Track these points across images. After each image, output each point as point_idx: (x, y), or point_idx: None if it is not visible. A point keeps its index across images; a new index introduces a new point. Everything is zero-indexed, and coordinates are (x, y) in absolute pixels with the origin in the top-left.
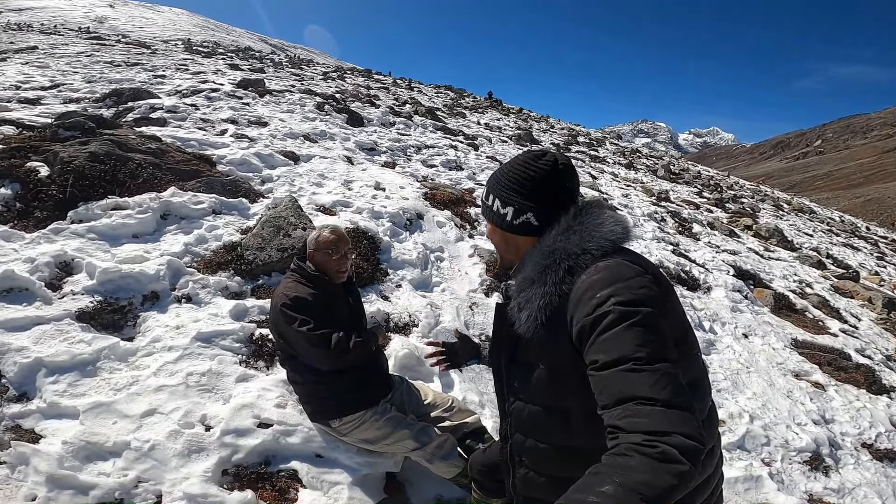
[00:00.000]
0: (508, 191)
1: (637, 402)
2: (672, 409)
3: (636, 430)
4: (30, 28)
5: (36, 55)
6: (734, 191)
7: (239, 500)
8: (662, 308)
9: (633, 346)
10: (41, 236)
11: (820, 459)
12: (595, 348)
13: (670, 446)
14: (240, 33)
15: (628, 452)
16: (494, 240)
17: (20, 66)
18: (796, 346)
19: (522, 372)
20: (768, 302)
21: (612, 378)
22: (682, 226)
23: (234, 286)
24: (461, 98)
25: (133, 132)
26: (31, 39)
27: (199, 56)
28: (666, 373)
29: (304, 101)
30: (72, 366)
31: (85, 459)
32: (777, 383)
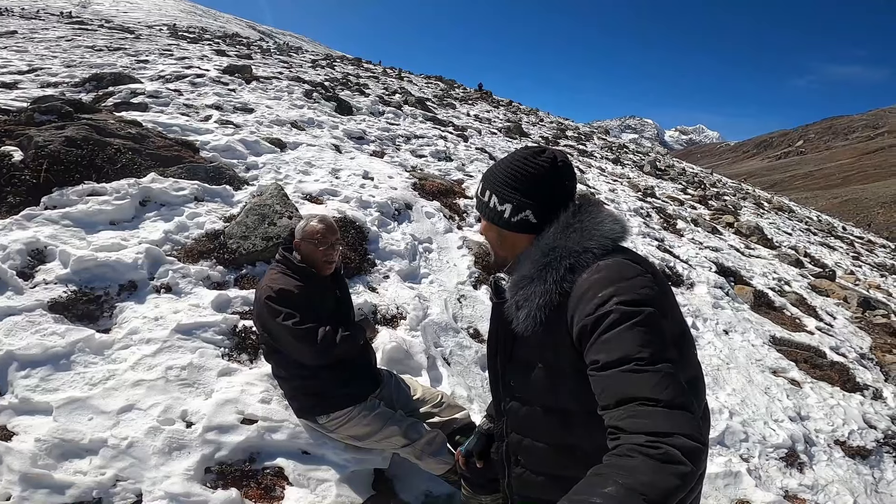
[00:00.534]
0: (506, 187)
1: (639, 402)
2: (674, 409)
3: (638, 431)
4: (10, 13)
5: (14, 39)
6: (717, 188)
7: (223, 498)
8: (662, 307)
9: (634, 346)
10: (13, 223)
11: (795, 456)
12: (596, 348)
13: (673, 447)
14: (227, 19)
15: (631, 453)
16: (489, 237)
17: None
18: (774, 343)
19: (520, 371)
20: (748, 299)
21: (613, 378)
22: (667, 221)
23: (216, 276)
24: (451, 89)
25: (112, 117)
26: (11, 24)
27: (184, 42)
28: (667, 373)
29: (291, 89)
30: (44, 359)
31: (60, 457)
32: (756, 380)
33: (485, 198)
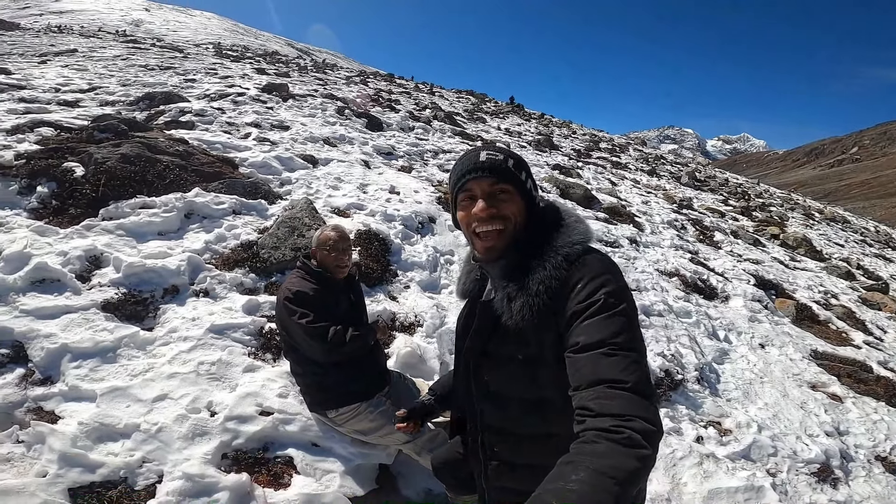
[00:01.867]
0: (533, 178)
1: (608, 385)
2: (637, 395)
3: (605, 413)
4: (70, 31)
5: (75, 58)
6: (763, 199)
7: (234, 481)
8: (634, 303)
9: (612, 331)
10: (74, 232)
11: (829, 471)
12: (578, 331)
13: (634, 431)
14: (267, 37)
15: (597, 439)
16: (513, 210)
17: (60, 69)
18: (815, 358)
19: (495, 366)
20: (790, 312)
21: (588, 360)
22: (703, 234)
23: (248, 282)
24: (482, 103)
25: (162, 135)
26: (72, 42)
27: (227, 60)
28: (635, 360)
29: (325, 106)
30: (94, 352)
31: (97, 440)
32: (791, 394)
33: (521, 176)
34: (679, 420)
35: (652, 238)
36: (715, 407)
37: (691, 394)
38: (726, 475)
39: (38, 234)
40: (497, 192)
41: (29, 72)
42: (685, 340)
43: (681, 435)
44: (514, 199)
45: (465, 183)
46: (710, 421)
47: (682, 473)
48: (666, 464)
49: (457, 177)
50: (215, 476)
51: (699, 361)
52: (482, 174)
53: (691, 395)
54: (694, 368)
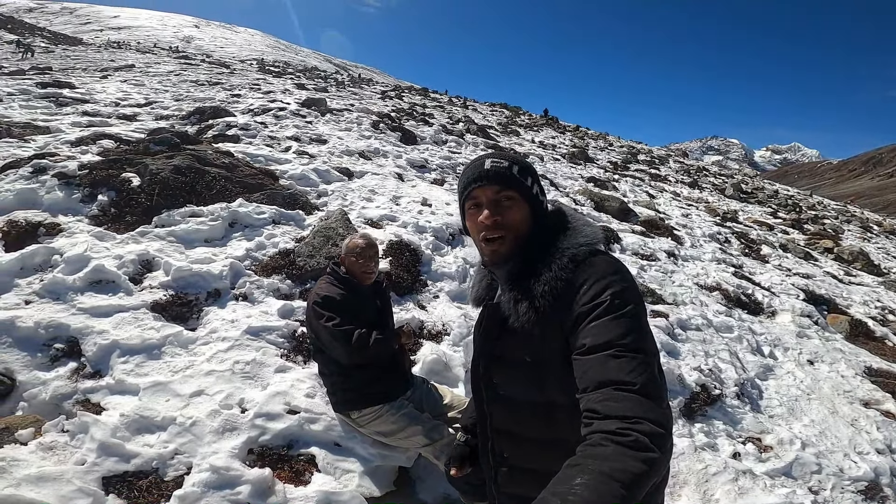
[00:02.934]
0: (540, 183)
1: (615, 386)
2: (645, 397)
3: (612, 415)
4: (128, 46)
5: (133, 73)
6: (815, 211)
7: (256, 475)
8: (644, 305)
9: (619, 333)
10: (129, 237)
11: (877, 489)
12: (585, 332)
13: (642, 434)
14: (307, 53)
15: (603, 442)
16: (517, 217)
17: (119, 84)
18: (869, 374)
19: (504, 368)
20: (843, 328)
21: (595, 361)
22: (748, 247)
23: (284, 288)
24: (516, 116)
25: (210, 148)
26: (129, 58)
27: (270, 76)
28: (644, 361)
29: (360, 120)
30: (141, 349)
31: (136, 431)
32: (841, 411)
33: (527, 182)
34: (715, 435)
35: (692, 251)
36: (755, 423)
37: (729, 409)
38: (763, 492)
39: (97, 239)
40: (502, 199)
41: (91, 86)
42: (725, 355)
43: (716, 450)
44: (518, 205)
45: (470, 191)
46: (750, 437)
47: (715, 490)
48: (698, 479)
49: (463, 185)
50: (239, 470)
51: (739, 377)
52: (486, 182)
53: (729, 410)
54: (734, 384)
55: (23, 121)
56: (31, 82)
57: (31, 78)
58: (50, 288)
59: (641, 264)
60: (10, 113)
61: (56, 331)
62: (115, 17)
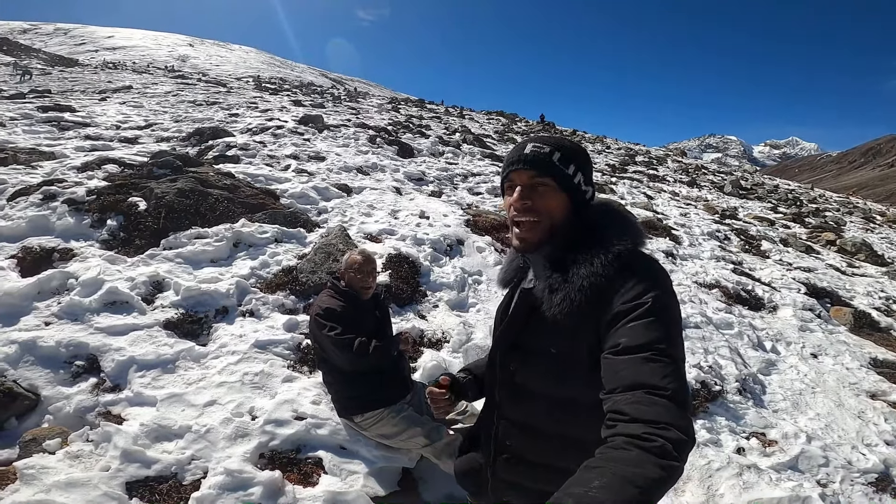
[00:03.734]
0: (589, 171)
1: (647, 390)
2: (676, 403)
3: (639, 419)
4: (124, 67)
5: (131, 94)
6: (817, 204)
7: (267, 478)
8: (680, 312)
9: (657, 336)
10: (139, 260)
11: (888, 480)
12: (620, 333)
13: (668, 441)
14: (302, 69)
15: (626, 446)
16: (550, 205)
17: (118, 106)
18: (875, 366)
19: (525, 358)
20: (847, 320)
21: (629, 363)
22: (748, 243)
23: (289, 303)
24: (513, 123)
25: (212, 170)
26: (126, 78)
27: (266, 93)
28: (678, 368)
29: (357, 135)
30: (156, 364)
31: (155, 439)
32: (847, 403)
33: (568, 170)
34: (718, 431)
35: (690, 250)
36: (759, 418)
37: (731, 405)
38: (769, 486)
39: (109, 263)
40: (537, 185)
41: (92, 109)
42: (725, 352)
43: (719, 446)
44: (552, 193)
45: (508, 173)
46: (753, 432)
47: (719, 485)
48: (701, 475)
49: (504, 166)
50: (252, 473)
51: (740, 373)
52: (523, 166)
53: (731, 406)
54: (735, 380)
55: (28, 146)
56: (32, 106)
57: (32, 101)
58: (68, 310)
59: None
60: (14, 138)
61: (76, 349)
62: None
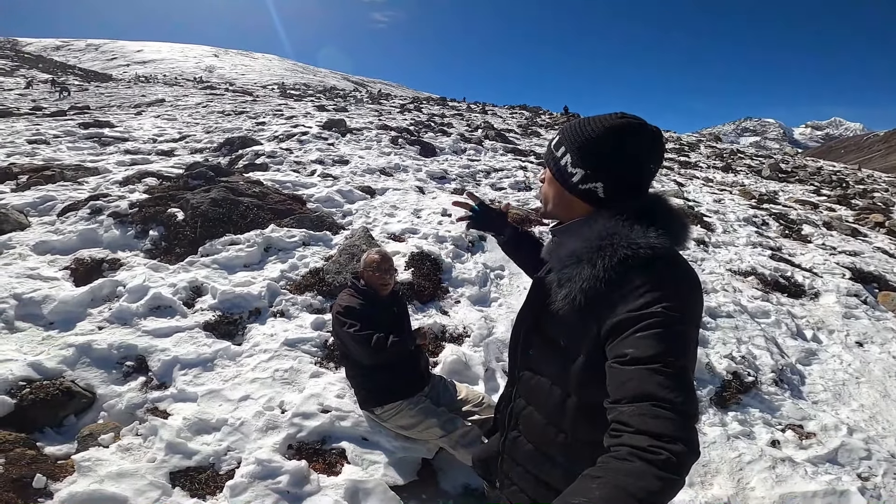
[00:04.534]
0: (584, 152)
1: (654, 402)
2: (682, 416)
3: (645, 431)
4: (155, 80)
5: (164, 108)
6: (864, 185)
7: (294, 466)
8: (698, 326)
9: (666, 349)
10: (180, 267)
11: None
12: (627, 342)
13: (672, 454)
14: (325, 73)
15: (630, 458)
16: (550, 191)
17: (153, 119)
18: None
19: (540, 342)
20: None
21: (635, 373)
22: (788, 228)
23: (316, 303)
24: (536, 116)
25: (242, 178)
26: (158, 91)
27: (291, 100)
28: (686, 380)
29: (380, 137)
30: (197, 363)
31: (196, 432)
32: (893, 394)
33: (557, 153)
34: (751, 424)
35: (724, 238)
36: (796, 410)
37: (766, 396)
38: (803, 479)
39: (152, 271)
40: (548, 177)
41: (129, 123)
42: (760, 342)
43: (752, 439)
44: (549, 181)
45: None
46: (790, 424)
47: (751, 478)
48: (731, 468)
49: None
50: (280, 461)
51: (776, 363)
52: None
53: (766, 397)
54: (770, 370)
55: (73, 163)
56: (74, 123)
57: (73, 118)
58: (118, 315)
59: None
60: (59, 155)
61: (126, 351)
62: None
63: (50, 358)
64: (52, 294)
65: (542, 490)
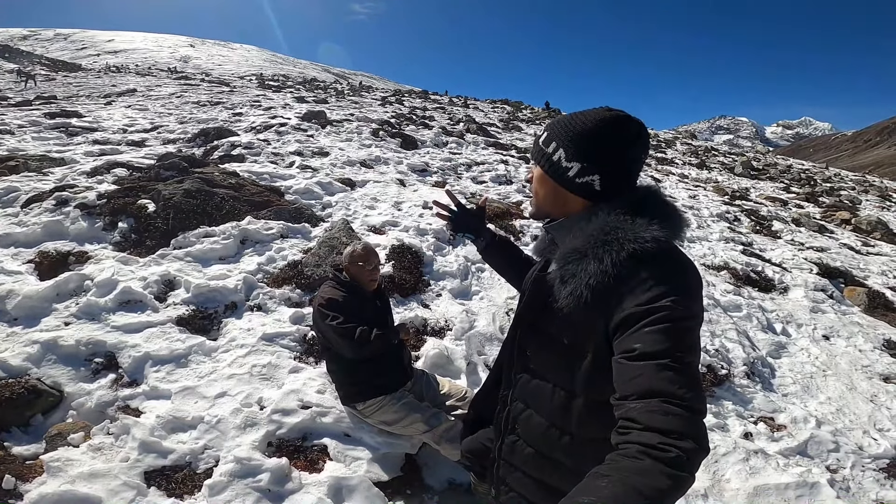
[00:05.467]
0: (579, 145)
1: (663, 399)
2: (692, 413)
3: (654, 428)
4: (127, 70)
5: (136, 98)
6: (831, 183)
7: (274, 464)
8: (702, 317)
9: (675, 344)
10: (151, 260)
11: None
12: (636, 337)
13: (682, 451)
14: (304, 65)
15: (639, 456)
16: (541, 189)
17: (124, 110)
18: (889, 348)
19: (540, 342)
20: (861, 301)
21: (643, 369)
22: (759, 224)
23: (295, 297)
24: (518, 111)
25: (217, 169)
26: (130, 82)
27: (269, 91)
28: (695, 377)
29: (360, 129)
30: (170, 359)
31: (171, 430)
32: (859, 387)
33: (548, 149)
34: (725, 416)
35: (698, 233)
36: (767, 402)
37: (739, 389)
38: (776, 471)
39: (122, 264)
40: (537, 174)
41: (98, 113)
42: (732, 335)
43: (726, 431)
44: (540, 178)
45: None
46: (761, 417)
47: (725, 470)
48: (707, 460)
49: None
50: (260, 459)
51: (748, 356)
52: (531, 155)
53: (739, 390)
54: (742, 363)
55: (38, 153)
56: (40, 113)
57: (39, 108)
58: (85, 310)
59: None
60: (24, 145)
61: (95, 347)
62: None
63: (14, 355)
64: (16, 289)
65: (543, 493)
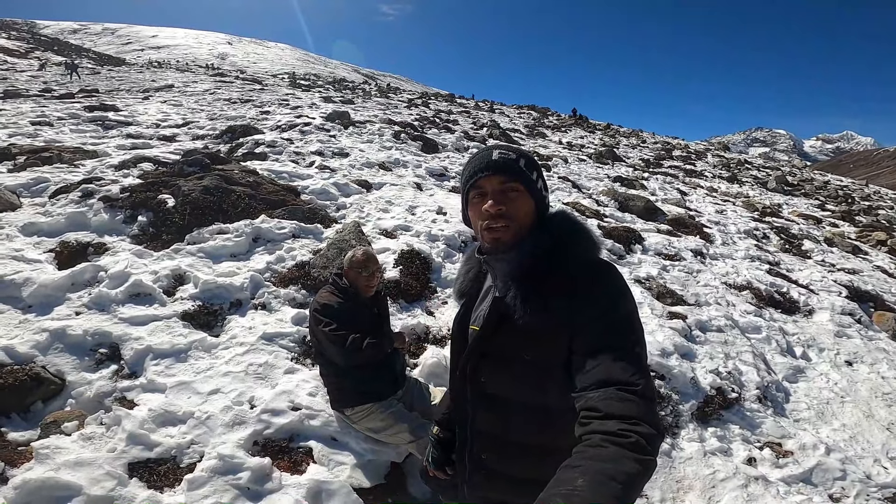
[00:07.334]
0: (540, 172)
1: (618, 387)
2: (645, 399)
3: (615, 415)
4: (168, 65)
5: (172, 93)
6: (870, 202)
7: (256, 464)
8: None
9: (625, 337)
10: (164, 254)
11: None
12: (593, 335)
13: (640, 436)
14: (335, 65)
15: (603, 443)
16: (521, 210)
17: (160, 105)
18: None
19: (496, 367)
20: (889, 327)
21: (599, 361)
22: (789, 242)
23: (299, 297)
24: (544, 117)
25: (237, 167)
26: (169, 77)
27: (299, 90)
28: (645, 366)
29: (382, 131)
30: (171, 353)
31: (161, 424)
32: (877, 414)
33: (532, 175)
34: (730, 440)
35: (723, 249)
36: (776, 427)
37: (748, 413)
38: (774, 499)
39: (136, 257)
40: (508, 190)
41: (134, 108)
42: (748, 357)
43: (728, 455)
44: (523, 197)
45: (476, 180)
46: (768, 442)
47: (722, 496)
48: (704, 485)
49: (469, 174)
50: (242, 458)
51: (762, 379)
52: (493, 172)
53: (748, 414)
54: (755, 387)
55: (73, 145)
56: (80, 106)
57: (80, 101)
58: (96, 300)
59: (664, 264)
60: (61, 137)
61: (100, 338)
62: (153, 37)
63: (23, 342)
64: (34, 277)
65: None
